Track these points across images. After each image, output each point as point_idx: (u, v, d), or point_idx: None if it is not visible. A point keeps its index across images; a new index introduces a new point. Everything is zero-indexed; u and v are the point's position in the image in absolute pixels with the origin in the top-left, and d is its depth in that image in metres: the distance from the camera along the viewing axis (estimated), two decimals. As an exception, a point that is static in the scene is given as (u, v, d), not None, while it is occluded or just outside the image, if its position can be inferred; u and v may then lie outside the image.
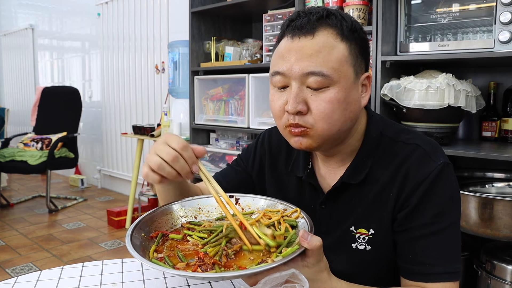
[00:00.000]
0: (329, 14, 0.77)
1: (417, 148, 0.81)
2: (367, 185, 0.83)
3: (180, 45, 3.05)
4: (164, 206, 0.84)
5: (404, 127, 0.88)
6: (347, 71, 0.76)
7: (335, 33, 0.76)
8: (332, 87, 0.74)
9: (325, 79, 0.74)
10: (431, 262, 0.76)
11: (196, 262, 0.67)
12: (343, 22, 0.77)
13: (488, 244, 1.69)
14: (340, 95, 0.75)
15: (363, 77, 0.80)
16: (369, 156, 0.84)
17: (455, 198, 0.79)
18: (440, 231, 0.76)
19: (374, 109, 1.81)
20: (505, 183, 1.73)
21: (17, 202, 4.19)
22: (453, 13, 1.67)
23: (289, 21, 0.79)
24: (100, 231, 3.36)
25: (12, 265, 2.70)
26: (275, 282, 0.61)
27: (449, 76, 1.60)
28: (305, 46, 0.74)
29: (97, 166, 4.86)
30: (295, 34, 0.76)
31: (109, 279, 0.84)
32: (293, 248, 0.66)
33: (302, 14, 0.78)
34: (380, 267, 0.84)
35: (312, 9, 0.79)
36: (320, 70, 0.73)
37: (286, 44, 0.77)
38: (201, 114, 2.76)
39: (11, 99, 6.46)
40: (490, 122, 1.82)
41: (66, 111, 4.30)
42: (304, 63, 0.74)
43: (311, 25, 0.75)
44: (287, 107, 0.76)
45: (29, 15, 5.87)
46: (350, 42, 0.77)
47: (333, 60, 0.74)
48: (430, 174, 0.77)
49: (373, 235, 0.82)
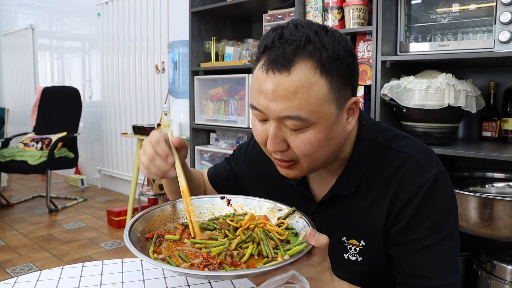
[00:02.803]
0: (307, 42, 0.68)
1: (409, 158, 0.77)
2: (358, 196, 0.80)
3: (180, 45, 3.05)
4: (156, 207, 0.84)
5: (398, 133, 0.84)
6: (328, 110, 0.70)
7: (314, 66, 0.68)
8: (311, 128, 0.70)
9: (302, 122, 0.69)
10: (429, 275, 0.74)
11: (202, 262, 0.67)
12: (323, 51, 0.68)
13: (488, 244, 1.69)
14: (320, 135, 0.71)
15: (349, 103, 0.74)
16: (361, 166, 0.80)
17: (451, 206, 0.77)
18: (437, 242, 0.74)
19: (374, 109, 1.81)
20: (505, 183, 1.73)
21: (17, 202, 4.19)
22: (453, 13, 1.67)
23: (264, 47, 0.71)
24: (100, 231, 3.36)
25: (12, 265, 2.70)
26: (275, 285, 0.61)
27: (449, 76, 1.61)
28: (281, 84, 0.68)
29: (97, 166, 4.86)
30: (269, 67, 0.69)
31: (109, 279, 0.84)
32: (300, 246, 0.66)
33: (277, 42, 0.69)
34: (373, 278, 0.82)
35: (290, 34, 0.69)
36: (296, 114, 0.68)
37: (261, 77, 0.70)
38: (201, 114, 2.76)
39: (11, 99, 6.46)
40: (490, 122, 1.82)
41: (66, 111, 4.30)
42: (280, 106, 0.68)
43: (287, 60, 0.67)
44: (268, 146, 0.74)
45: (29, 15, 5.87)
46: (331, 75, 0.69)
47: (311, 102, 0.68)
48: (424, 185, 0.74)
49: (364, 246, 0.81)
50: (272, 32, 0.72)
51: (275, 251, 0.69)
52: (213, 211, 0.87)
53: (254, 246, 0.70)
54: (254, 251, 0.69)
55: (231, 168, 1.03)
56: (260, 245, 0.70)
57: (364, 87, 1.91)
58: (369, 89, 1.91)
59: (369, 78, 1.92)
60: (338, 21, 2.00)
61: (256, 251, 0.69)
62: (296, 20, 0.73)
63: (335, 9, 2.00)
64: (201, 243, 0.74)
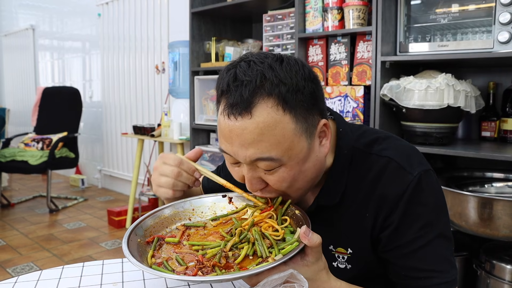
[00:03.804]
0: (263, 80, 0.66)
1: (390, 161, 0.76)
2: (344, 204, 0.80)
3: (180, 45, 3.05)
4: (157, 210, 0.84)
5: (378, 135, 0.82)
6: (298, 144, 0.69)
7: (275, 103, 0.66)
8: (283, 167, 0.70)
9: (275, 162, 0.68)
10: (426, 276, 0.73)
11: (196, 265, 0.67)
12: (281, 87, 0.66)
13: (487, 244, 1.69)
14: (295, 171, 0.70)
15: (319, 127, 0.73)
16: (343, 174, 0.79)
17: (438, 204, 0.76)
18: (429, 242, 0.73)
19: (373, 110, 1.81)
20: (504, 183, 1.73)
21: (17, 202, 4.20)
22: (452, 14, 1.68)
23: (221, 92, 0.69)
24: (100, 231, 3.37)
25: (13, 264, 2.70)
26: (274, 284, 0.61)
27: (448, 76, 1.61)
28: (245, 129, 0.66)
29: (98, 166, 4.87)
30: (230, 112, 0.67)
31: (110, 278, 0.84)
32: (292, 245, 0.66)
33: (233, 86, 0.66)
34: (364, 281, 0.81)
35: (243, 75, 0.66)
36: (268, 156, 0.67)
37: (225, 123, 0.68)
38: (201, 114, 2.77)
39: (12, 99, 6.46)
40: (490, 122, 1.83)
41: (66, 111, 4.30)
42: (249, 151, 0.67)
43: (246, 103, 0.65)
44: (247, 186, 0.74)
45: (30, 16, 5.87)
46: (294, 109, 0.67)
47: (280, 141, 0.67)
48: (407, 188, 0.73)
49: (351, 254, 0.80)
50: (226, 74, 0.69)
51: (270, 250, 0.69)
52: (215, 209, 0.87)
53: (249, 246, 0.70)
54: (249, 251, 0.70)
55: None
56: (255, 245, 0.70)
57: (364, 87, 1.92)
58: (368, 89, 1.92)
59: (368, 78, 1.92)
60: (338, 22, 2.01)
61: (251, 251, 0.70)
62: (248, 56, 0.70)
63: (335, 9, 2.00)
64: (198, 245, 0.74)
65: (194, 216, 0.86)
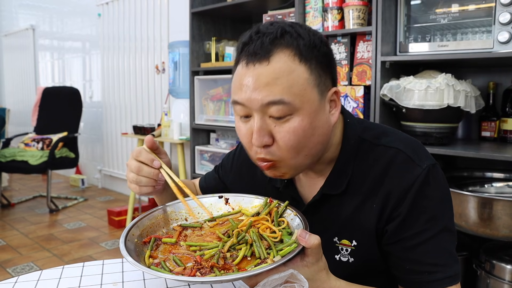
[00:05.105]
0: (283, 33, 0.71)
1: (398, 153, 0.77)
2: (348, 195, 0.80)
3: (180, 45, 3.05)
4: (153, 210, 0.84)
5: (385, 129, 0.84)
6: (310, 94, 0.71)
7: (292, 54, 0.70)
8: (295, 115, 0.70)
9: (286, 107, 0.69)
10: (430, 270, 0.73)
11: (194, 265, 0.67)
12: (299, 40, 0.71)
13: (487, 244, 1.69)
14: (305, 123, 0.71)
15: (330, 93, 0.75)
16: (349, 164, 0.80)
17: (445, 198, 0.77)
18: (434, 235, 0.74)
19: (373, 110, 1.81)
20: (504, 183, 1.73)
21: (18, 202, 4.20)
22: (452, 14, 1.68)
23: (242, 45, 0.73)
24: (100, 231, 3.37)
25: (13, 264, 2.71)
26: (274, 284, 0.61)
27: (448, 76, 1.61)
28: (261, 74, 0.69)
29: (98, 166, 4.87)
30: (249, 60, 0.70)
31: (110, 278, 0.84)
32: (291, 247, 0.66)
33: (255, 36, 0.72)
34: (365, 279, 0.81)
35: (266, 29, 0.72)
36: (280, 98, 0.69)
37: (242, 71, 0.72)
38: (201, 114, 2.77)
39: (12, 99, 6.46)
40: (489, 122, 1.83)
41: (66, 111, 4.30)
42: (262, 93, 0.69)
43: (265, 50, 0.69)
44: (253, 140, 0.73)
45: (30, 16, 5.87)
46: (310, 61, 0.71)
47: (293, 86, 0.69)
48: (416, 180, 0.74)
49: (355, 246, 0.80)
50: (249, 30, 0.75)
51: (268, 251, 0.69)
52: (212, 210, 0.87)
53: (247, 247, 0.70)
54: (247, 252, 0.69)
55: (220, 177, 1.05)
56: (253, 246, 0.70)
57: (363, 87, 1.92)
58: (368, 89, 1.92)
59: (368, 79, 1.92)
60: (338, 22, 2.01)
61: (249, 252, 0.69)
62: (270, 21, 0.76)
63: (335, 9, 2.00)
64: (196, 246, 0.74)
65: (190, 217, 0.86)
